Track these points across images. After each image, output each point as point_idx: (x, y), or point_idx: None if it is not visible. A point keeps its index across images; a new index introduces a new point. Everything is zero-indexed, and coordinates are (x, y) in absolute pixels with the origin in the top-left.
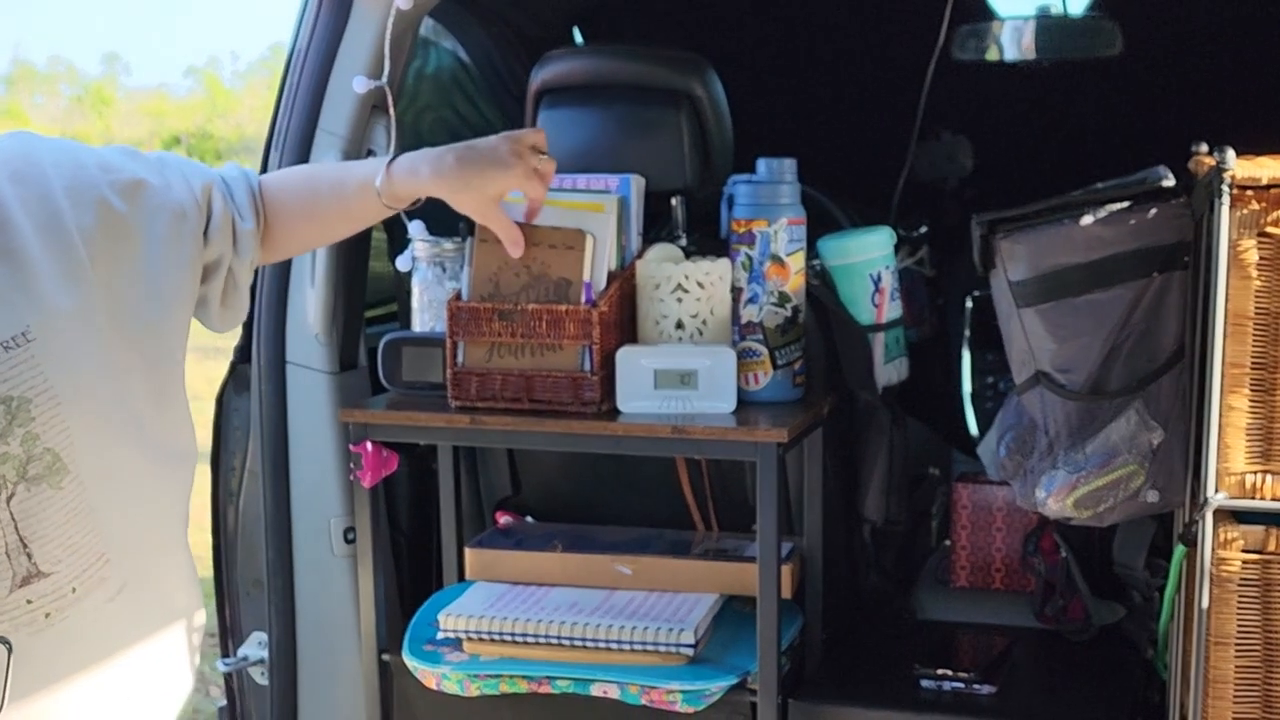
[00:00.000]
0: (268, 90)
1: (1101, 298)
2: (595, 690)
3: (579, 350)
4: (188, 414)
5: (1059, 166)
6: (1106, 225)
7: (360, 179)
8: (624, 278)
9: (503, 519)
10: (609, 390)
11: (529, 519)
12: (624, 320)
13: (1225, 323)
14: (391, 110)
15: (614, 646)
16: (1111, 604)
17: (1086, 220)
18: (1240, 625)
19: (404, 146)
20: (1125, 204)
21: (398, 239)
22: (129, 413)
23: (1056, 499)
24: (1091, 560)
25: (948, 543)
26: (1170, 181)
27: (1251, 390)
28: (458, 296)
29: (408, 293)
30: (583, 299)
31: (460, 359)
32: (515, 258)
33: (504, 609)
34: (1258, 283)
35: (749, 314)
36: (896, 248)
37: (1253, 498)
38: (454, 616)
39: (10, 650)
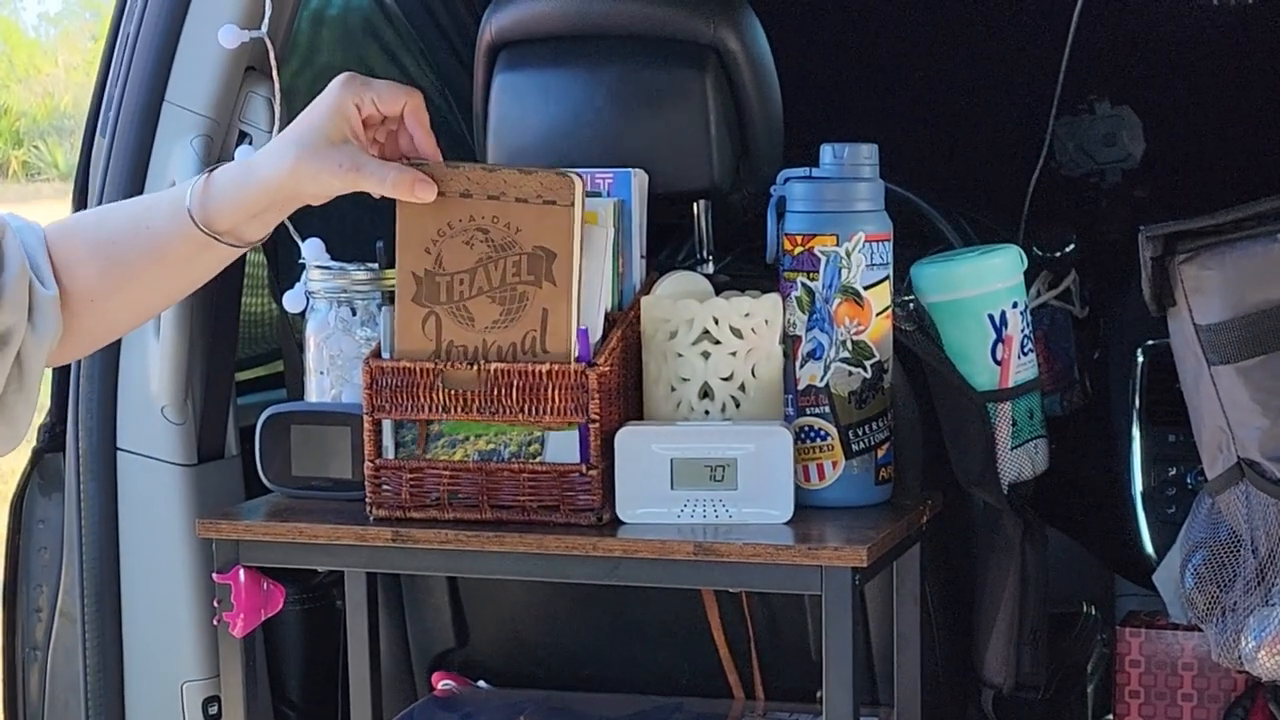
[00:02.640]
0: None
1: None
2: None
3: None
4: None
5: (1271, 154)
6: None
7: (170, 203)
8: (626, 322)
9: (442, 683)
10: (611, 491)
11: (481, 684)
12: (627, 386)
13: None
14: (275, 73)
15: None
16: None
17: None
18: None
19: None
20: None
21: (284, 266)
22: None
23: (1271, 651)
24: None
25: (1110, 718)
26: None
27: None
28: (377, 352)
29: (300, 345)
30: (573, 351)
31: (387, 446)
32: (426, 200)
33: None
34: None
35: (810, 376)
36: (1030, 276)
37: None
38: None
39: None
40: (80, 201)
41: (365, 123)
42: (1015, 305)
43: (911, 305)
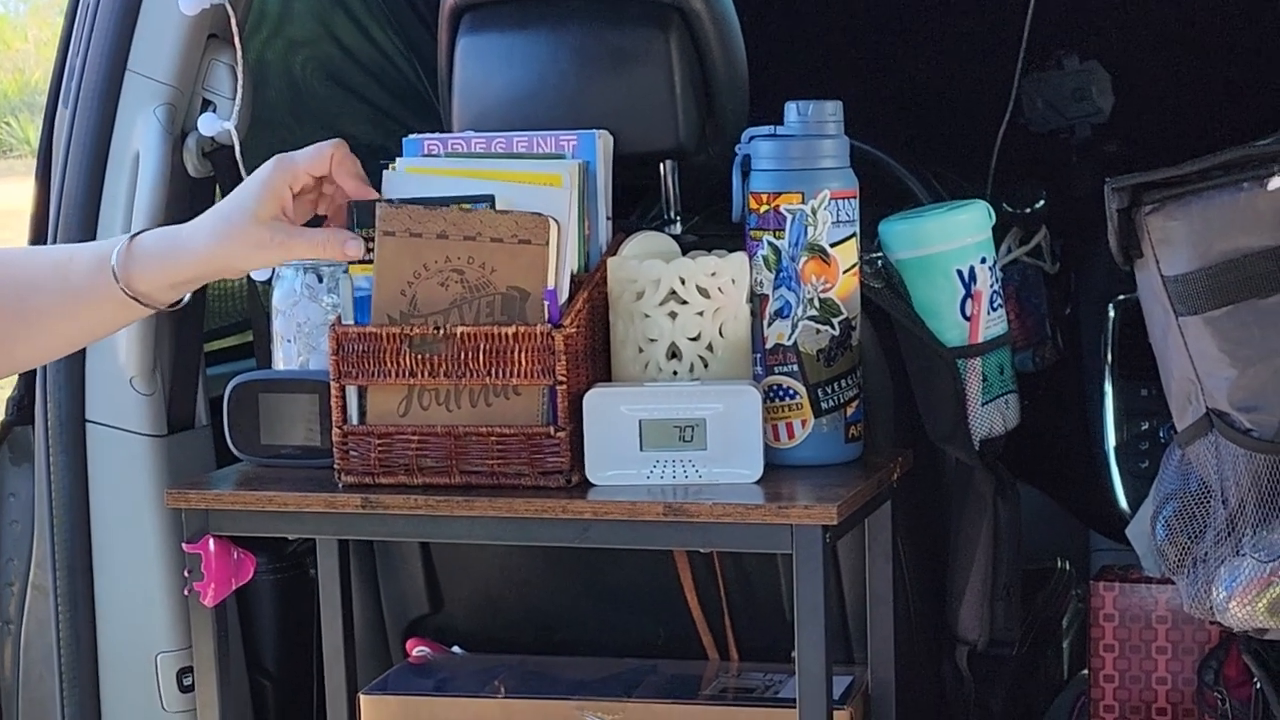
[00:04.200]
0: (60, 17)
1: None
2: None
3: (537, 394)
4: None
5: (1240, 106)
6: None
7: (93, 257)
8: (592, 284)
9: (416, 649)
10: (580, 454)
11: (455, 649)
12: (594, 348)
13: None
14: (238, 40)
15: None
16: None
17: (1277, 183)
18: None
19: (260, 94)
20: None
21: None
22: None
23: (1243, 602)
24: None
25: (1085, 672)
26: None
27: None
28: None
29: (267, 314)
30: (545, 315)
31: (354, 412)
32: (355, 257)
33: None
34: None
35: (778, 334)
36: (999, 231)
37: None
38: None
39: None
40: (44, 173)
41: (301, 191)
42: (984, 261)
43: (880, 262)
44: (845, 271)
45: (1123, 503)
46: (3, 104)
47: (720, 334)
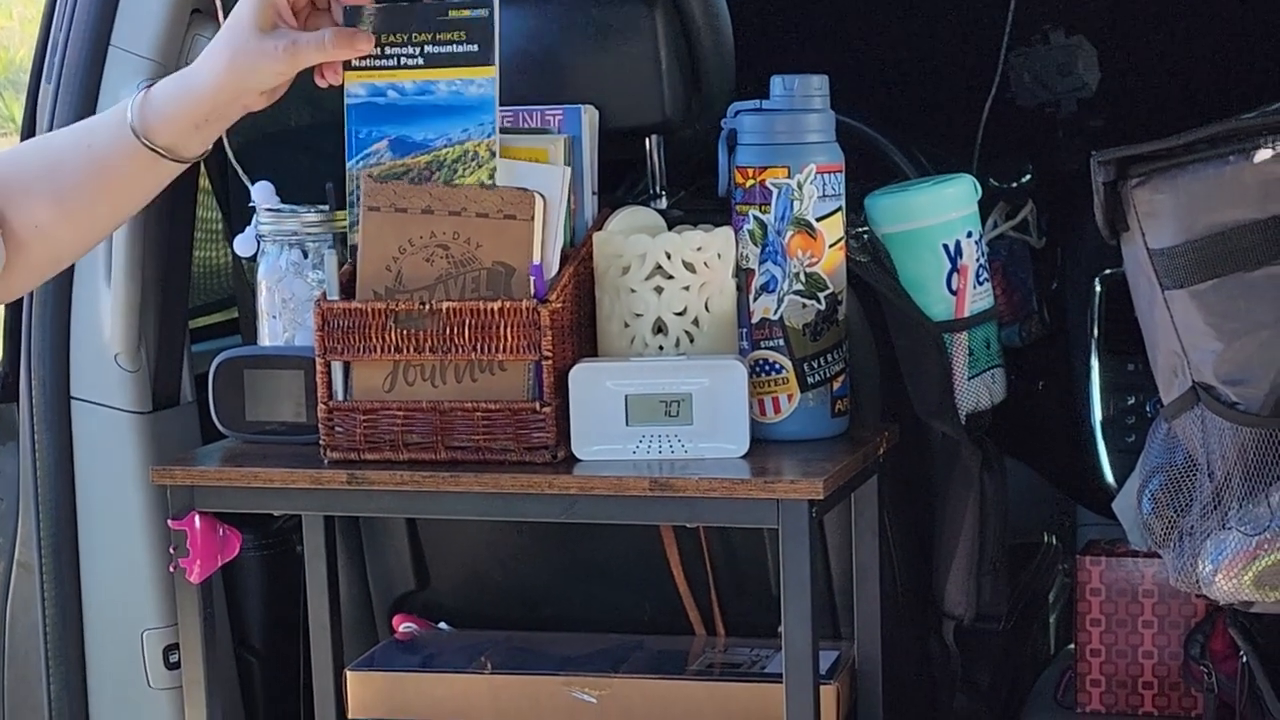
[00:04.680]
0: None
1: None
2: None
3: (523, 370)
4: None
5: (1226, 80)
6: None
7: (112, 121)
8: (579, 259)
9: (403, 626)
10: (565, 429)
11: (442, 625)
12: (580, 323)
13: None
14: (221, 15)
15: None
16: None
17: (1263, 156)
18: None
19: None
20: None
21: (237, 215)
22: None
23: (1229, 575)
24: None
25: (1071, 646)
26: None
27: None
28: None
29: (253, 290)
30: (531, 291)
31: (339, 388)
32: (366, 51)
33: None
34: None
35: (764, 309)
36: (985, 206)
37: None
38: None
39: None
40: None
41: (293, 9)
42: (970, 235)
43: (866, 237)
44: (831, 246)
45: (1109, 477)
46: None
47: (706, 309)
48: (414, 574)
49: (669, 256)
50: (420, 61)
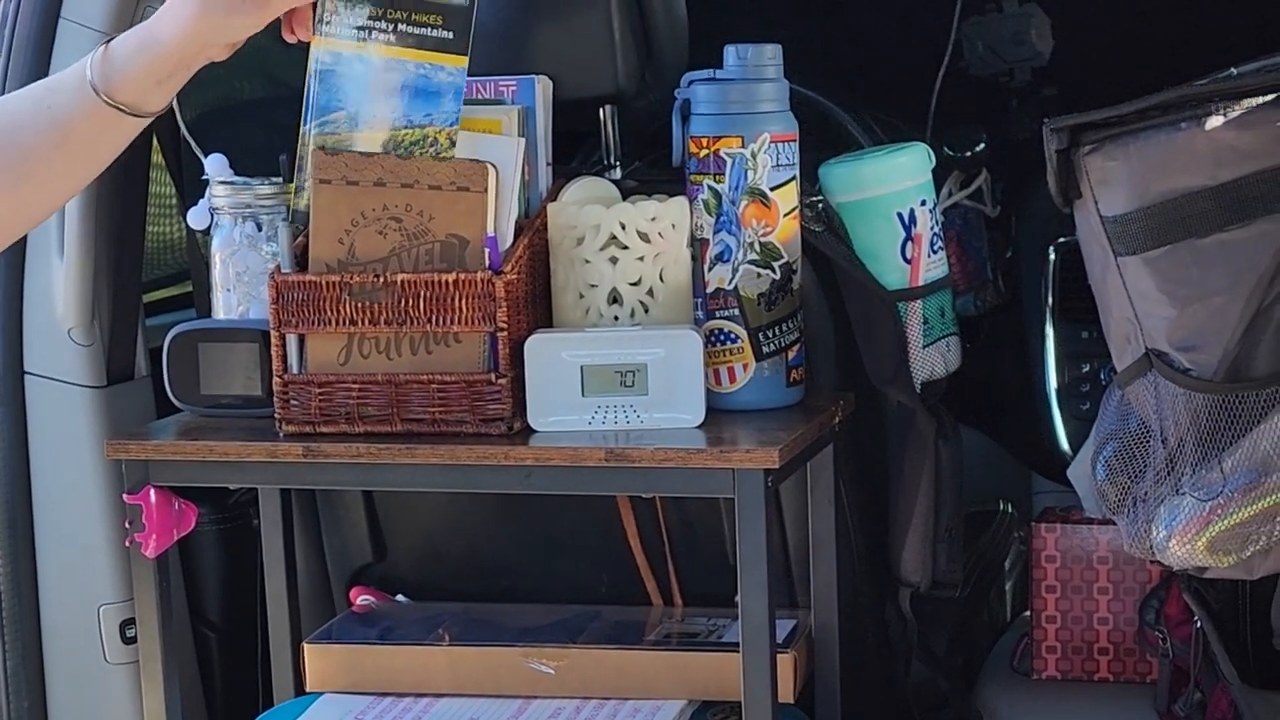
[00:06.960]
0: None
1: (1240, 237)
2: None
3: (478, 341)
4: None
5: (1178, 49)
6: (1245, 129)
7: (71, 80)
8: (533, 230)
9: (360, 598)
10: (521, 400)
11: (400, 597)
12: (535, 294)
13: None
14: None
15: None
16: (1273, 697)
17: (1215, 122)
18: None
19: None
20: (1274, 96)
21: (190, 188)
22: None
23: (1182, 540)
24: (1240, 633)
25: (1027, 614)
26: None
27: None
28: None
29: (207, 263)
30: (485, 262)
31: (294, 361)
32: None
33: None
34: None
35: (719, 279)
36: (941, 176)
37: None
38: None
39: None
40: None
41: None
42: (924, 203)
43: (820, 206)
44: (785, 215)
45: (1064, 444)
46: None
47: (661, 279)
48: (371, 546)
49: (623, 227)
50: (392, 39)
